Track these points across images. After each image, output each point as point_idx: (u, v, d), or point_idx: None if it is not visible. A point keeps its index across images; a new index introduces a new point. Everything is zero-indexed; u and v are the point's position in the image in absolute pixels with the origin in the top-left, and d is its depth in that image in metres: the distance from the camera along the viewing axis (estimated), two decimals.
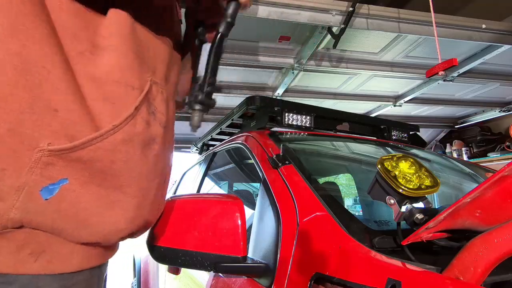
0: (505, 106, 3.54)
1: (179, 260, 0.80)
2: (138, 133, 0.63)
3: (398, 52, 2.43)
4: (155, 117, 0.69)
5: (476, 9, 2.75)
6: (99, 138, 0.57)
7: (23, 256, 0.54)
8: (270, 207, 0.96)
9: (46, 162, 0.52)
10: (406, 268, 0.58)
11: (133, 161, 0.63)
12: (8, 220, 0.52)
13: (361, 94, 3.15)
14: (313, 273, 0.70)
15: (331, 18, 1.91)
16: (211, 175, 2.08)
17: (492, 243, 0.51)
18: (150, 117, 0.67)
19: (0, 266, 0.52)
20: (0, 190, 0.51)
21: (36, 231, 0.55)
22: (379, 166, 0.70)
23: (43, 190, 0.53)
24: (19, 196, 0.52)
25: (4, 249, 0.52)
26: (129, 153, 0.61)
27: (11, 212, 0.52)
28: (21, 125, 0.51)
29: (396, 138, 1.86)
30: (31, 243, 0.54)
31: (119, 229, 0.63)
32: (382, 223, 1.27)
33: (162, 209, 0.79)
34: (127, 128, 0.61)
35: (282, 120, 1.50)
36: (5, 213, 0.51)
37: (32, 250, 0.54)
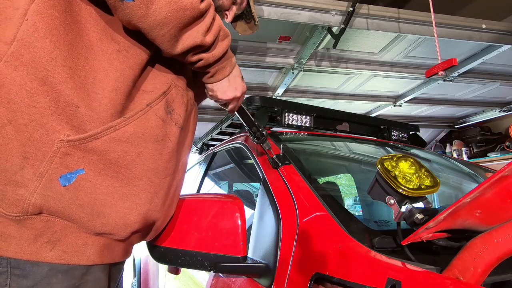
0: (505, 106, 3.53)
1: (179, 260, 0.80)
2: (151, 128, 0.68)
3: (398, 52, 2.43)
4: (172, 117, 0.74)
5: (476, 9, 2.75)
6: (112, 129, 0.62)
7: (40, 244, 0.57)
8: (270, 207, 0.96)
9: (65, 152, 0.58)
10: (406, 268, 0.58)
11: (145, 155, 0.67)
12: (30, 205, 0.56)
13: (361, 94, 3.15)
14: (313, 273, 0.70)
15: (331, 18, 1.91)
16: (211, 175, 2.08)
17: (492, 243, 0.51)
18: (166, 116, 0.72)
19: (19, 253, 0.55)
20: (22, 177, 0.55)
21: (53, 220, 0.58)
22: (379, 166, 0.70)
23: (61, 178, 0.58)
24: (40, 183, 0.56)
25: (23, 236, 0.56)
26: (141, 146, 0.66)
27: (33, 197, 0.56)
28: (46, 118, 0.56)
29: (396, 138, 1.86)
30: (47, 232, 0.58)
31: (129, 222, 0.65)
32: (382, 223, 1.27)
33: (173, 212, 0.80)
34: (139, 122, 0.66)
35: (282, 120, 1.50)
36: (27, 198, 0.56)
37: (49, 239, 0.58)
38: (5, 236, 0.55)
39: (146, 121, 0.67)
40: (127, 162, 0.64)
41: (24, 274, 0.56)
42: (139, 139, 0.65)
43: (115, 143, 0.62)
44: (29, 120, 0.55)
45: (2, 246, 0.55)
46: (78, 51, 0.60)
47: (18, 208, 0.55)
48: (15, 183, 0.55)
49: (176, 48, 0.65)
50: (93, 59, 0.62)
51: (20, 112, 0.55)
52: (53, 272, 0.57)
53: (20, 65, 0.54)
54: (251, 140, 1.34)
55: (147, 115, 0.67)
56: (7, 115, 0.54)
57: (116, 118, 0.63)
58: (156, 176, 0.69)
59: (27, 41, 0.54)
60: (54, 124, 0.57)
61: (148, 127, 0.67)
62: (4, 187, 0.55)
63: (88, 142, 0.60)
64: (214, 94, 0.81)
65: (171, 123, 0.73)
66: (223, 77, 0.78)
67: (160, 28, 0.61)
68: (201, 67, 0.73)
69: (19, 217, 0.56)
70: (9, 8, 0.55)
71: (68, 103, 0.58)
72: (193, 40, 0.65)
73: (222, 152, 1.79)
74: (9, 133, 0.55)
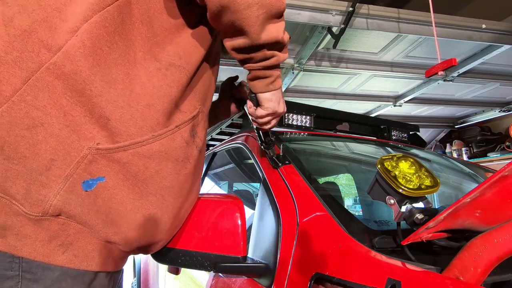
0: (505, 106, 3.53)
1: (179, 260, 0.80)
2: (175, 149, 0.69)
3: (398, 52, 2.43)
4: (194, 140, 0.76)
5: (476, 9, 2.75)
6: (139, 144, 0.64)
7: (53, 246, 0.58)
8: (270, 207, 0.96)
9: (91, 159, 0.60)
10: (406, 268, 0.58)
11: (164, 173, 0.68)
12: (51, 206, 0.57)
13: (361, 94, 3.15)
14: (313, 273, 0.70)
15: (331, 18, 1.91)
16: (211, 175, 2.08)
17: (492, 243, 0.51)
18: (190, 139, 0.74)
19: (32, 254, 0.56)
20: (48, 178, 0.57)
21: (69, 223, 0.59)
22: (379, 166, 0.70)
23: (84, 183, 0.60)
24: (64, 185, 0.58)
25: (38, 237, 0.57)
26: (161, 164, 0.67)
27: (55, 199, 0.57)
28: (80, 125, 0.59)
29: (396, 138, 1.86)
30: (62, 235, 0.59)
31: (137, 236, 0.67)
32: (382, 223, 1.27)
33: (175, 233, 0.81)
34: (165, 141, 0.67)
35: (282, 120, 1.50)
36: (50, 199, 0.57)
37: (62, 242, 0.59)
38: (21, 235, 0.56)
39: (171, 141, 0.69)
40: (145, 177, 0.66)
41: (35, 279, 0.56)
42: (161, 157, 0.67)
43: (138, 157, 0.64)
44: (65, 125, 0.58)
45: (17, 245, 0.56)
46: (120, 67, 0.63)
47: (40, 208, 0.57)
48: (40, 183, 0.57)
49: (262, 36, 0.65)
50: (133, 75, 0.64)
51: (56, 118, 0.57)
52: (64, 277, 0.58)
53: (61, 74, 0.57)
54: (251, 140, 1.34)
55: (174, 135, 0.69)
56: (41, 118, 0.56)
57: (146, 132, 0.64)
58: (170, 195, 0.71)
59: (72, 55, 0.57)
60: (87, 132, 0.59)
61: (172, 147, 0.69)
62: (28, 186, 0.56)
63: (115, 152, 0.62)
64: (271, 105, 0.79)
65: (193, 145, 0.75)
66: (280, 85, 0.78)
67: (257, 8, 0.61)
68: (270, 66, 0.73)
69: (38, 217, 0.57)
70: (55, 18, 0.57)
71: (101, 114, 0.60)
72: (276, 33, 0.66)
73: (222, 152, 1.79)
74: (40, 134, 0.56)
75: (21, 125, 0.55)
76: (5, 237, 0.55)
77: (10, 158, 0.55)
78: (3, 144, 0.55)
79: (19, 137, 0.55)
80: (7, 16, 0.55)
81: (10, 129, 0.55)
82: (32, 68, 0.56)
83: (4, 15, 0.55)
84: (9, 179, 0.55)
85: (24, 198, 0.56)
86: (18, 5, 0.56)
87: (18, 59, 0.55)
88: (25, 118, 0.55)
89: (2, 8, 0.56)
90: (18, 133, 0.55)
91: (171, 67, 0.68)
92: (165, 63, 0.67)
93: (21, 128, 0.55)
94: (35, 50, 0.56)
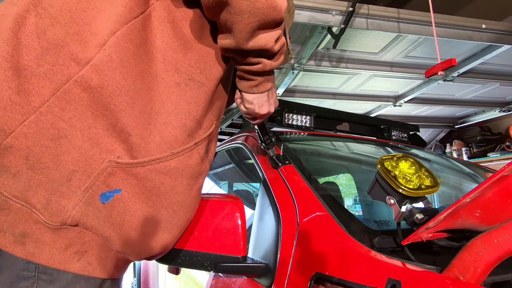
0: (505, 106, 3.54)
1: (179, 260, 0.80)
2: (191, 166, 0.70)
3: (398, 52, 2.43)
4: (207, 156, 0.77)
5: (476, 9, 2.76)
6: (157, 161, 0.65)
7: (69, 254, 0.59)
8: (270, 207, 0.96)
9: (110, 172, 0.61)
10: (406, 268, 0.58)
11: (178, 189, 0.69)
12: (69, 217, 0.58)
13: (361, 94, 3.15)
14: (313, 273, 0.70)
15: (331, 18, 1.91)
16: (211, 175, 2.08)
17: (492, 243, 0.51)
18: (205, 155, 0.75)
19: (49, 261, 0.58)
20: (68, 189, 0.58)
21: (84, 232, 0.61)
22: (379, 166, 0.70)
23: (102, 195, 0.61)
24: (83, 197, 0.59)
25: (56, 244, 0.58)
26: (177, 180, 0.68)
27: (74, 210, 0.58)
28: (102, 138, 0.60)
29: (396, 138, 1.86)
30: (77, 243, 0.60)
31: (148, 248, 0.68)
32: (382, 223, 1.27)
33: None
34: (183, 158, 0.68)
35: (282, 120, 1.50)
36: (68, 210, 0.58)
37: (78, 250, 0.60)
38: (40, 243, 0.57)
39: (188, 158, 0.69)
40: (160, 192, 0.66)
41: (51, 280, 0.58)
42: (177, 174, 0.68)
43: (155, 173, 0.65)
44: (88, 138, 0.59)
45: (35, 252, 0.57)
46: (144, 81, 0.63)
47: (59, 218, 0.58)
48: (60, 193, 0.58)
49: (248, 43, 0.64)
50: (154, 90, 0.64)
51: (80, 130, 0.58)
52: (77, 279, 0.60)
53: (88, 88, 0.58)
54: (251, 140, 1.34)
55: (192, 153, 0.70)
56: (66, 129, 0.57)
57: (165, 149, 0.65)
58: (181, 209, 0.72)
59: (100, 69, 0.58)
60: (108, 145, 0.60)
61: (189, 164, 0.70)
62: (49, 196, 0.57)
63: (133, 167, 0.63)
64: (251, 107, 0.80)
65: (206, 160, 0.76)
66: (266, 90, 0.77)
67: (249, 15, 0.60)
68: (253, 72, 0.72)
69: (57, 227, 0.58)
70: (86, 32, 0.58)
71: (122, 129, 0.61)
72: (265, 41, 0.65)
73: (222, 152, 1.79)
74: (63, 145, 0.57)
75: (47, 136, 0.56)
76: (24, 244, 0.57)
77: (34, 168, 0.56)
78: (28, 154, 0.56)
79: (44, 147, 0.56)
80: (41, 28, 0.56)
81: (36, 139, 0.56)
82: (61, 81, 0.56)
83: (38, 27, 0.56)
84: (31, 188, 0.56)
85: (44, 207, 0.57)
86: (50, 17, 0.57)
87: (49, 72, 0.56)
88: (50, 129, 0.56)
89: (36, 19, 0.56)
90: (43, 143, 0.56)
91: (190, 82, 0.68)
92: (185, 77, 0.67)
93: (46, 138, 0.56)
94: (66, 63, 0.57)
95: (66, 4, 0.58)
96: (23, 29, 0.55)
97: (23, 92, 0.55)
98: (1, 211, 0.56)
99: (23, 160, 0.55)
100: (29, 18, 0.56)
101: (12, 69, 0.54)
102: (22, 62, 0.55)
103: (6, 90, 0.54)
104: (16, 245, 0.56)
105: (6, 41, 0.54)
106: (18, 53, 0.55)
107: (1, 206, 0.56)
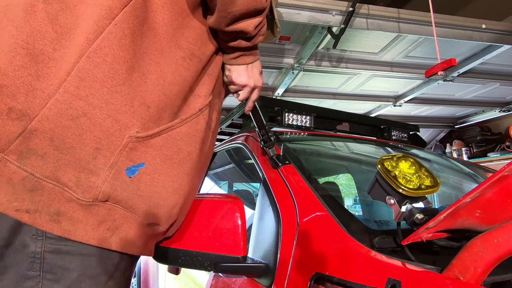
0: (505, 106, 3.54)
1: (179, 260, 0.80)
2: (200, 130, 0.75)
3: (398, 52, 2.43)
4: (210, 123, 0.81)
5: (476, 9, 2.76)
6: (170, 128, 0.68)
7: (102, 230, 0.62)
8: (270, 207, 0.96)
9: (132, 147, 0.63)
10: (406, 268, 0.58)
11: (194, 154, 0.73)
12: (100, 192, 0.60)
13: (361, 94, 3.15)
14: (313, 273, 0.70)
15: (331, 18, 1.91)
16: (211, 175, 2.08)
17: (492, 243, 0.51)
18: (209, 120, 0.79)
19: (84, 237, 0.60)
20: (95, 166, 0.60)
21: (114, 208, 0.63)
22: (379, 166, 0.70)
23: (127, 170, 0.63)
24: (110, 172, 0.61)
25: (89, 221, 0.60)
26: (191, 146, 0.73)
27: (104, 185, 0.61)
28: (121, 114, 0.62)
29: (396, 138, 1.86)
30: (109, 220, 0.62)
31: (173, 214, 0.72)
32: (382, 223, 1.27)
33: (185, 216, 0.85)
34: (191, 124, 0.73)
35: (282, 120, 1.50)
36: (99, 186, 0.60)
37: (109, 226, 0.62)
38: (74, 220, 0.59)
39: (196, 124, 0.74)
40: (180, 159, 0.70)
41: (56, 279, 0.58)
42: (190, 139, 0.72)
43: (171, 140, 0.68)
44: (107, 115, 0.60)
45: (71, 230, 0.58)
46: (151, 56, 0.66)
47: (91, 194, 0.60)
48: (88, 171, 0.59)
49: (228, 26, 0.72)
50: (163, 64, 0.68)
51: (98, 107, 0.59)
52: (83, 278, 0.60)
53: (101, 63, 0.59)
54: (251, 140, 1.34)
55: (198, 118, 0.74)
56: (84, 108, 0.58)
57: (172, 118, 0.69)
58: (196, 174, 0.77)
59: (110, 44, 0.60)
60: (127, 120, 0.63)
61: (198, 129, 0.74)
62: (78, 174, 0.59)
63: (151, 138, 0.65)
64: (229, 74, 0.86)
65: (209, 128, 0.80)
66: (244, 63, 0.84)
67: (232, 5, 0.67)
68: (232, 47, 0.79)
69: (89, 203, 0.60)
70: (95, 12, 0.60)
71: (141, 103, 0.64)
72: (245, 26, 0.72)
73: (222, 152, 1.79)
74: (84, 124, 0.59)
75: (66, 116, 0.57)
76: (60, 223, 0.58)
77: (60, 148, 0.58)
78: (52, 135, 0.57)
79: (66, 128, 0.58)
80: (51, 14, 0.57)
81: (58, 121, 0.57)
82: (75, 59, 0.58)
83: (49, 13, 0.57)
84: (60, 168, 0.58)
85: (76, 185, 0.59)
86: (59, 1, 0.58)
87: (65, 55, 0.57)
88: (69, 109, 0.58)
89: (44, 5, 0.58)
90: (64, 124, 0.57)
91: (193, 57, 0.72)
92: (188, 52, 0.72)
93: (66, 119, 0.57)
94: (78, 43, 0.58)
95: None
96: (34, 16, 0.57)
97: (42, 77, 0.56)
98: (35, 192, 0.57)
99: (48, 142, 0.57)
100: (37, 5, 0.57)
101: (29, 55, 0.55)
102: (38, 48, 0.56)
103: (26, 76, 0.55)
104: (52, 224, 0.57)
105: (19, 28, 0.55)
106: (33, 39, 0.56)
107: (35, 187, 0.57)
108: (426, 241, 0.63)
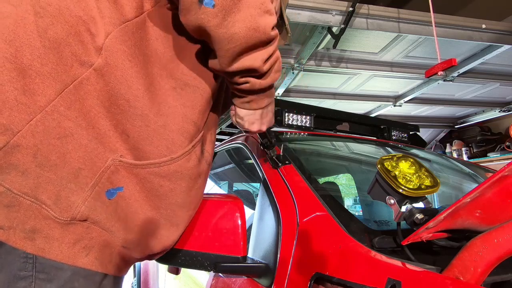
0: (505, 106, 3.53)
1: (179, 260, 0.80)
2: (189, 168, 0.71)
3: (398, 52, 2.42)
4: (203, 156, 0.78)
5: (476, 9, 2.76)
6: (157, 165, 0.66)
7: (77, 249, 0.61)
8: (270, 207, 0.96)
9: (113, 170, 0.63)
10: (406, 268, 0.58)
11: (177, 191, 0.71)
12: (79, 212, 0.60)
13: (361, 94, 3.15)
14: (313, 273, 0.70)
15: (331, 18, 1.91)
16: (211, 175, 2.08)
17: (492, 243, 0.51)
18: (201, 155, 0.76)
19: (59, 256, 0.59)
20: (76, 186, 0.60)
21: (92, 227, 0.62)
22: (379, 166, 0.70)
23: (107, 192, 0.63)
24: (91, 193, 0.61)
25: (65, 240, 0.59)
26: (176, 183, 0.70)
27: (83, 205, 0.60)
28: (106, 138, 0.62)
29: (396, 138, 1.86)
30: (85, 238, 0.62)
31: (149, 246, 0.70)
32: (382, 223, 1.27)
33: None
34: (182, 162, 0.69)
35: (282, 120, 1.50)
36: (78, 205, 0.60)
37: (85, 245, 0.62)
38: (49, 238, 0.58)
39: (187, 162, 0.70)
40: (159, 193, 0.68)
41: (49, 278, 0.58)
42: (176, 177, 0.69)
43: (154, 176, 0.67)
44: (93, 137, 0.61)
45: (45, 248, 0.58)
46: (141, 81, 0.64)
47: (69, 213, 0.59)
48: (69, 190, 0.59)
49: (232, 66, 0.63)
50: (151, 92, 0.65)
51: (85, 129, 0.60)
52: (76, 277, 0.60)
53: (92, 90, 0.60)
54: (251, 140, 1.34)
55: (190, 155, 0.71)
56: (72, 128, 0.59)
57: (164, 153, 0.66)
58: (181, 210, 0.73)
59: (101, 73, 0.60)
60: (111, 144, 0.63)
61: (188, 167, 0.71)
62: (59, 192, 0.58)
63: (134, 168, 0.65)
64: (241, 123, 0.79)
65: (203, 161, 0.77)
66: (258, 107, 0.75)
67: (228, 42, 0.59)
68: (242, 91, 0.70)
69: (66, 222, 0.59)
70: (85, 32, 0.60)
71: (123, 130, 0.64)
72: (251, 63, 0.62)
73: (222, 152, 1.79)
74: (69, 144, 0.59)
75: (53, 134, 0.57)
76: (34, 240, 0.57)
77: (42, 165, 0.57)
78: (36, 152, 0.56)
79: (51, 146, 0.57)
80: (41, 27, 0.57)
81: (43, 138, 0.57)
82: (66, 81, 0.58)
83: (39, 26, 0.57)
84: (41, 185, 0.57)
85: (54, 203, 0.58)
86: (50, 15, 0.57)
87: (53, 71, 0.57)
88: (57, 128, 0.58)
89: (35, 18, 0.57)
90: (50, 142, 0.57)
91: (185, 86, 0.68)
92: (179, 82, 0.68)
93: (53, 137, 0.57)
94: (69, 63, 0.58)
95: (64, 2, 0.58)
96: (24, 28, 0.55)
97: (28, 92, 0.55)
98: (11, 208, 0.56)
99: (31, 158, 0.56)
100: (28, 17, 0.56)
101: (16, 70, 0.55)
102: (26, 62, 0.55)
103: (12, 91, 0.54)
104: (26, 241, 0.57)
105: (7, 41, 0.54)
106: (21, 53, 0.55)
107: (11, 203, 0.56)
108: (426, 241, 0.63)
